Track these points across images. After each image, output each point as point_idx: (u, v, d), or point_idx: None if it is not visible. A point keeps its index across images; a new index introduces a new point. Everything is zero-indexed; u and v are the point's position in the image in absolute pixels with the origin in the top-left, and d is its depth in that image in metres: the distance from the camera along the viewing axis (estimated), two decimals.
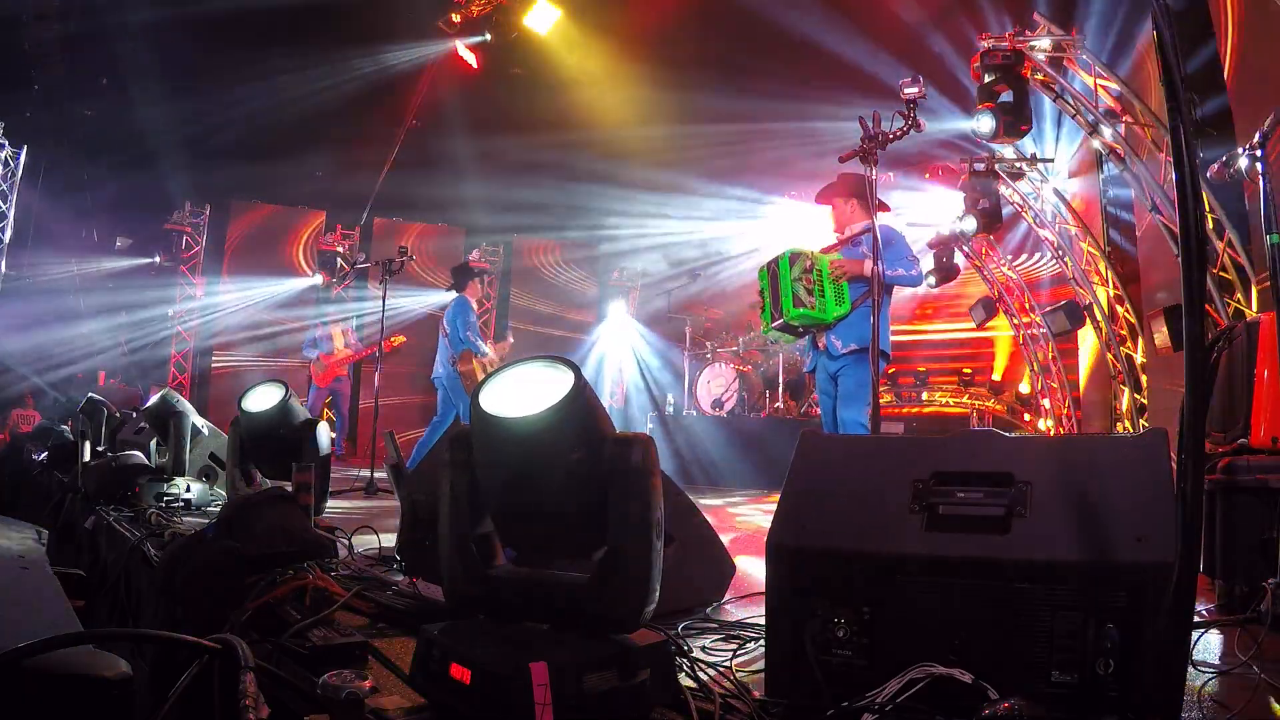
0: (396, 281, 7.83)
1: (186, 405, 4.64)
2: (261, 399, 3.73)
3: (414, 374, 11.79)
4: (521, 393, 1.47)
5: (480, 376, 6.87)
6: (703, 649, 2.01)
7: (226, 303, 12.54)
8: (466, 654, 1.41)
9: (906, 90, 3.86)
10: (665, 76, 10.65)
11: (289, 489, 2.89)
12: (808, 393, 9.84)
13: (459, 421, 7.06)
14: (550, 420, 1.40)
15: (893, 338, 4.64)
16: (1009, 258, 10.61)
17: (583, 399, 1.42)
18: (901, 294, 6.13)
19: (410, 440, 9.87)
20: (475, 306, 7.33)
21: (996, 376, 11.27)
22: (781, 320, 4.44)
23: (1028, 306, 10.46)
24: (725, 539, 2.76)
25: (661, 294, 12.70)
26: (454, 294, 7.39)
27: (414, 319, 12.20)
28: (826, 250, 4.73)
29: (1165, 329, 6.92)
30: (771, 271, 4.53)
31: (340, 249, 12.73)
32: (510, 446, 1.46)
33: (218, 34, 9.64)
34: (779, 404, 9.30)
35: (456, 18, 10.46)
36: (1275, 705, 1.65)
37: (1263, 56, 5.38)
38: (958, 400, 10.81)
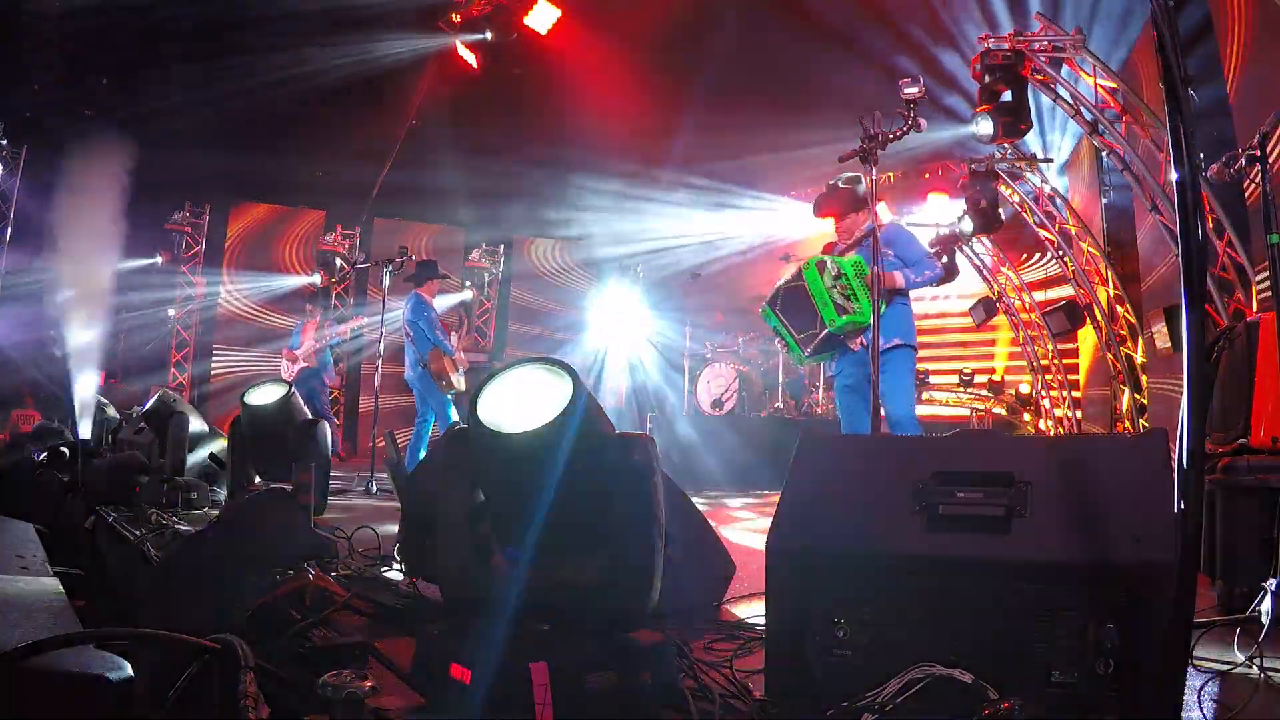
0: (397, 281, 7.82)
1: (185, 405, 4.64)
2: (264, 396, 3.74)
3: None
4: (520, 399, 1.47)
5: (450, 373, 6.79)
6: (703, 649, 2.01)
7: (226, 303, 12.54)
8: (466, 654, 1.40)
9: (906, 90, 3.85)
10: (667, 76, 10.65)
11: (289, 489, 2.89)
12: (808, 393, 9.84)
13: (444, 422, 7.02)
14: (548, 434, 1.39)
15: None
16: (1009, 257, 10.62)
17: (582, 406, 1.42)
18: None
19: (411, 440, 9.86)
20: (434, 304, 7.22)
21: (996, 377, 11.27)
22: (827, 332, 4.17)
23: (1028, 306, 10.47)
24: (725, 539, 2.76)
25: (662, 294, 12.70)
26: (412, 289, 7.27)
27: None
28: (842, 253, 4.61)
29: (1165, 329, 6.92)
30: (788, 296, 4.29)
31: (340, 249, 12.73)
32: (510, 458, 1.46)
33: (218, 34, 9.64)
34: (779, 404, 9.30)
35: (456, 17, 10.45)
36: None
37: (1263, 56, 5.38)
38: (958, 400, 10.81)
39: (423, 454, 6.79)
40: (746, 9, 9.73)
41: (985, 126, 6.87)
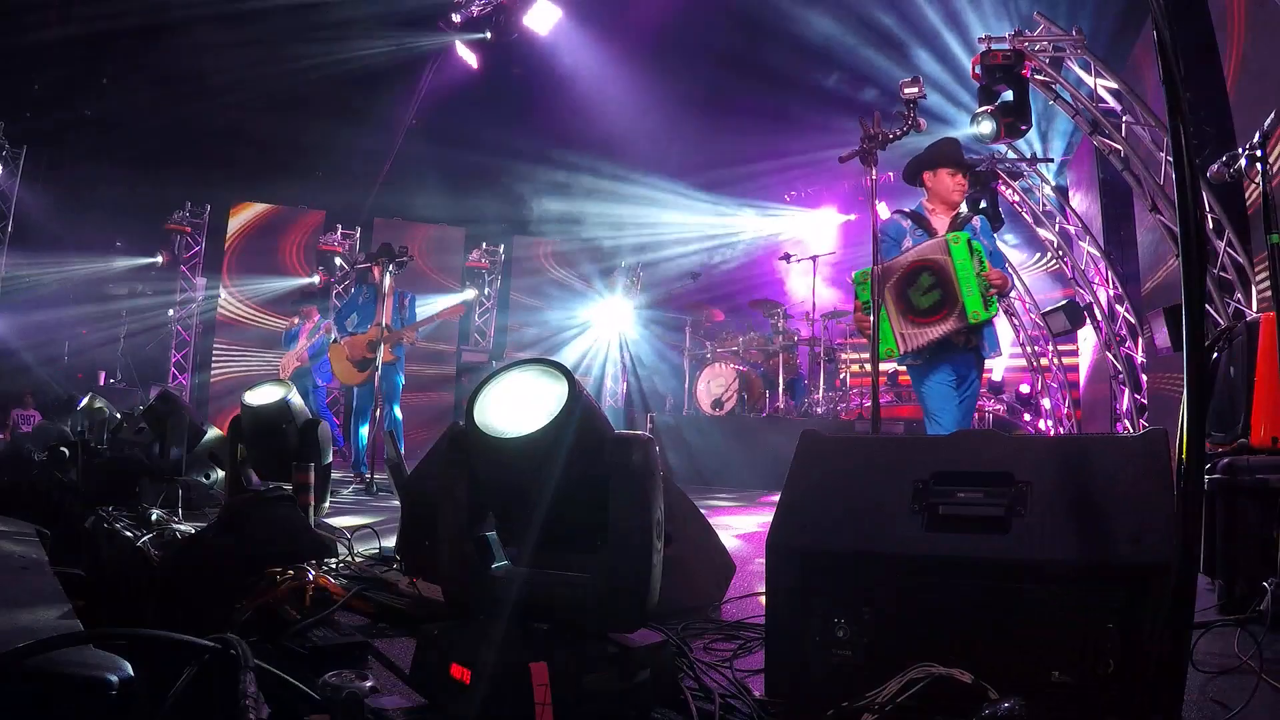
0: (396, 281, 7.77)
1: (186, 405, 4.65)
2: (265, 396, 3.74)
3: (412, 374, 11.78)
4: (516, 403, 1.47)
5: (334, 360, 6.91)
6: (703, 649, 2.02)
7: (227, 303, 12.54)
8: (466, 654, 1.40)
9: (906, 90, 3.85)
10: (666, 76, 10.66)
11: (289, 489, 2.89)
12: (808, 393, 9.83)
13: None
14: (544, 438, 1.39)
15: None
16: (1009, 257, 10.62)
17: (579, 408, 1.42)
18: None
19: (412, 441, 9.85)
20: (377, 292, 6.92)
21: (996, 377, 11.26)
22: (962, 324, 3.50)
23: (1028, 306, 10.47)
24: (725, 539, 2.76)
25: (662, 294, 12.71)
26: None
27: (416, 318, 12.17)
28: (958, 225, 3.95)
29: (1165, 329, 6.92)
30: (915, 271, 3.57)
31: (340, 249, 12.73)
32: (506, 462, 1.46)
33: (218, 34, 9.64)
34: (779, 404, 9.30)
35: (456, 17, 10.46)
36: None
37: (1263, 56, 5.38)
38: None
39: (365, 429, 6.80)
40: (749, 8, 9.74)
41: (986, 126, 6.87)
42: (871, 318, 3.59)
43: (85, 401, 5.81)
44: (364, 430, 6.87)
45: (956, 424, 3.80)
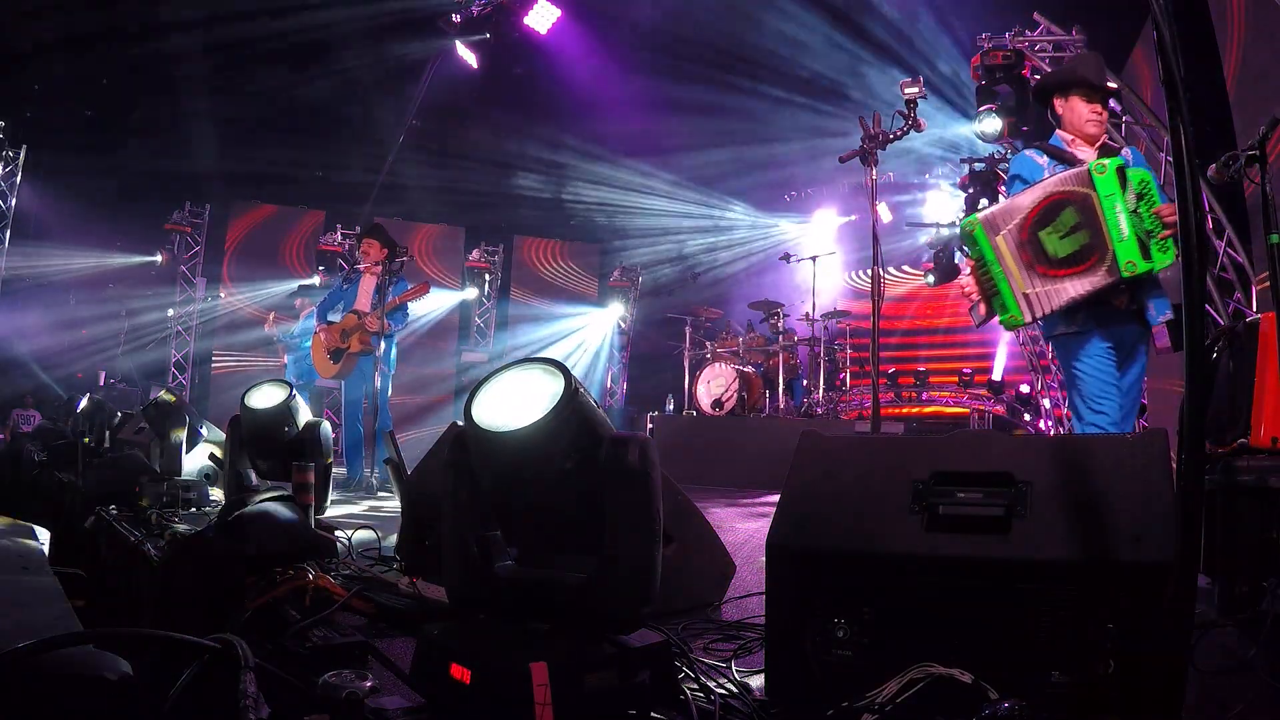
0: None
1: (186, 404, 4.65)
2: (265, 397, 3.74)
3: (412, 373, 11.79)
4: (513, 400, 1.47)
5: (314, 352, 6.94)
6: (703, 649, 2.02)
7: (227, 302, 12.54)
8: (466, 654, 1.41)
9: (907, 90, 3.86)
10: (667, 77, 10.66)
11: (289, 489, 2.89)
12: (808, 393, 9.83)
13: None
14: (540, 432, 1.39)
15: (891, 338, 4.41)
16: None
17: (574, 405, 1.42)
18: (896, 291, 6.13)
19: (410, 440, 9.86)
20: (359, 285, 6.93)
21: (996, 377, 11.26)
22: (1114, 280, 2.80)
23: None
24: (725, 539, 2.76)
25: (661, 293, 12.71)
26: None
27: (413, 318, 12.18)
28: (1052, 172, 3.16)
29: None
30: (1049, 209, 2.83)
31: (340, 249, 12.72)
32: (502, 458, 1.46)
33: (217, 34, 9.65)
34: (779, 404, 9.29)
35: (456, 18, 10.46)
36: None
37: (1263, 56, 5.38)
38: (958, 400, 10.81)
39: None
40: (749, 8, 9.75)
41: (991, 124, 6.88)
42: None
43: (85, 402, 5.81)
44: (359, 429, 6.76)
45: (1122, 420, 3.06)
